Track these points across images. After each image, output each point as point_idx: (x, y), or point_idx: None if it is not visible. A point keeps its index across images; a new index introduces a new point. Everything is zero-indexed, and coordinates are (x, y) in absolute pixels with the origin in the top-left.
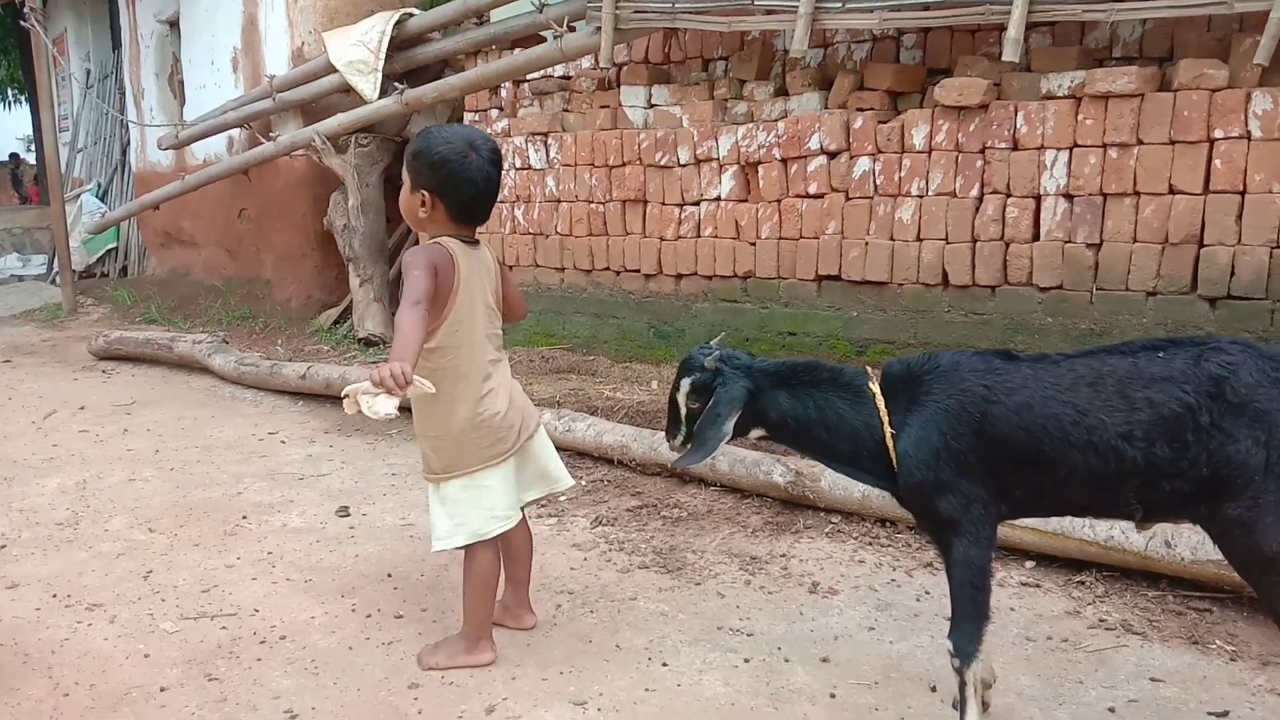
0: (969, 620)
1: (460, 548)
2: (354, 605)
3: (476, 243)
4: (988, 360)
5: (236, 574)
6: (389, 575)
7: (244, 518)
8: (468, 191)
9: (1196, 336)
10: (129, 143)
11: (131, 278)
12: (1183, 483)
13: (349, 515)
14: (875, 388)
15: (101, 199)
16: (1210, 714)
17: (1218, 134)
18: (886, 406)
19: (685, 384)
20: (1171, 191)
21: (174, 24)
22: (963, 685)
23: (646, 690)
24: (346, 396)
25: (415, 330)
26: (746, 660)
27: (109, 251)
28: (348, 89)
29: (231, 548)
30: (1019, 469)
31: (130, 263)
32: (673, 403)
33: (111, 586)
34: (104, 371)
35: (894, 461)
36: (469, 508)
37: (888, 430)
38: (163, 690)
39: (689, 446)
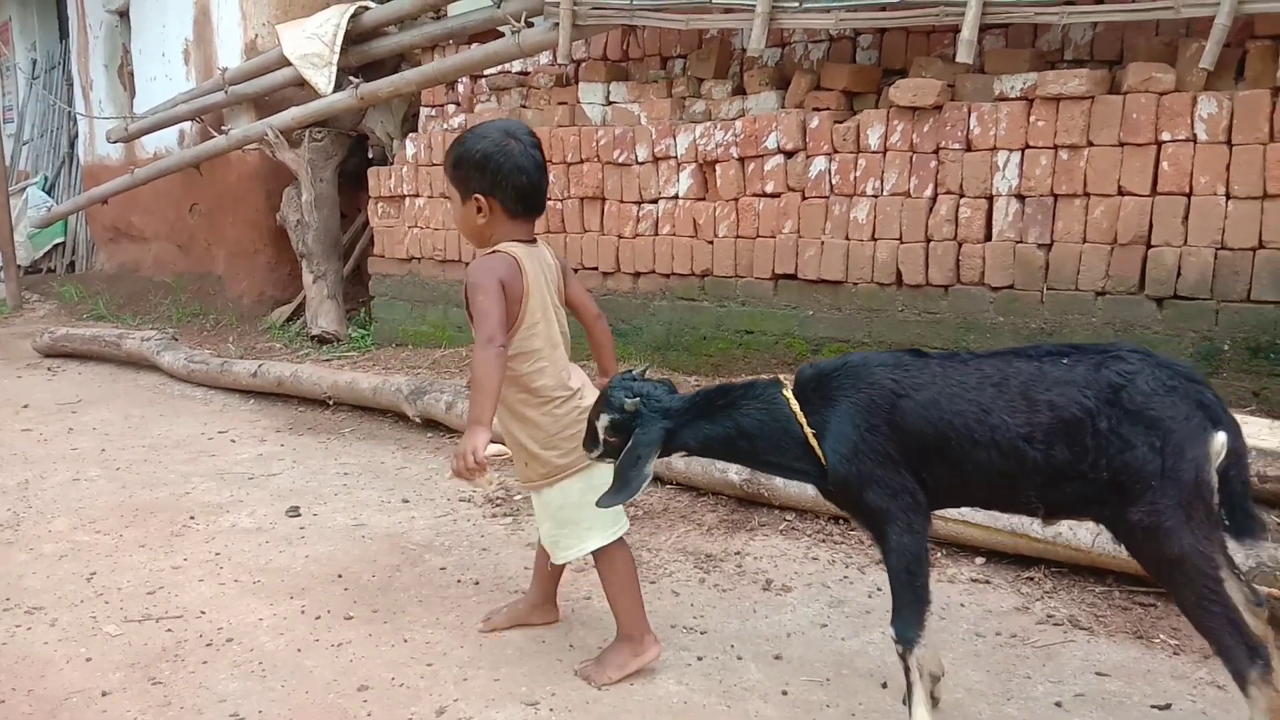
0: (908, 606)
1: (593, 552)
2: (303, 606)
3: (534, 241)
4: (897, 357)
5: (183, 575)
6: (339, 576)
7: (192, 518)
8: (519, 181)
9: (1100, 344)
10: (77, 135)
11: (79, 273)
12: (1083, 485)
13: (299, 515)
14: (789, 394)
15: (48, 193)
16: (1154, 707)
17: (1165, 136)
18: (803, 409)
19: (605, 419)
20: (1120, 193)
21: (124, 14)
22: (907, 670)
23: (600, 689)
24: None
25: (491, 380)
26: (699, 658)
27: (56, 246)
28: (302, 83)
29: (178, 549)
30: (928, 461)
31: (78, 258)
32: (591, 425)
33: (53, 589)
34: (49, 369)
35: (822, 458)
36: (590, 509)
37: (808, 431)
38: (104, 695)
39: (611, 481)
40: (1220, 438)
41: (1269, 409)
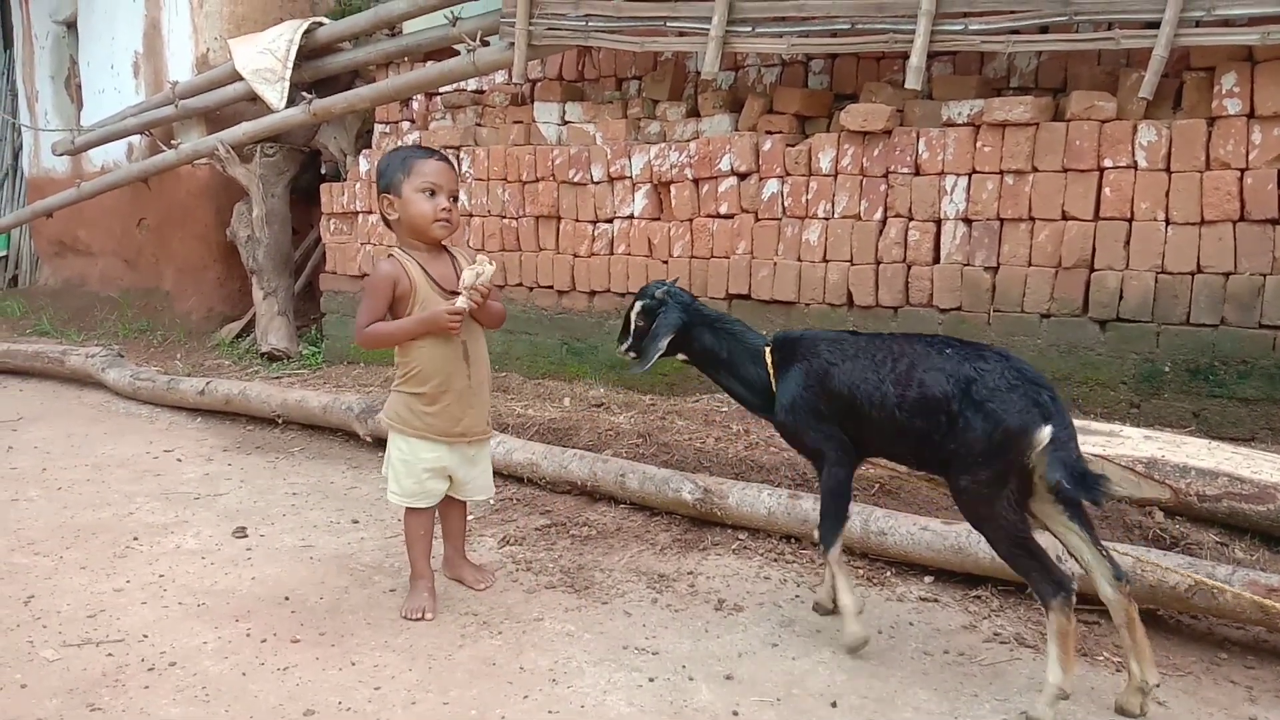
0: (829, 518)
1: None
2: (249, 630)
3: None
4: (838, 335)
5: (125, 598)
6: (286, 598)
7: (135, 539)
8: None
9: (981, 343)
10: (21, 147)
11: (22, 288)
12: (936, 450)
13: (246, 536)
14: (768, 350)
15: None
16: None
17: (1107, 163)
18: (774, 364)
19: (638, 306)
20: (1064, 217)
21: (71, 25)
22: (830, 564)
23: (549, 713)
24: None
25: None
26: (651, 679)
27: None
28: (254, 97)
29: (121, 570)
30: (848, 416)
31: (21, 272)
32: (626, 319)
33: None
34: None
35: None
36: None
37: (774, 383)
38: None
39: (634, 356)
40: (1045, 430)
41: (1208, 429)
